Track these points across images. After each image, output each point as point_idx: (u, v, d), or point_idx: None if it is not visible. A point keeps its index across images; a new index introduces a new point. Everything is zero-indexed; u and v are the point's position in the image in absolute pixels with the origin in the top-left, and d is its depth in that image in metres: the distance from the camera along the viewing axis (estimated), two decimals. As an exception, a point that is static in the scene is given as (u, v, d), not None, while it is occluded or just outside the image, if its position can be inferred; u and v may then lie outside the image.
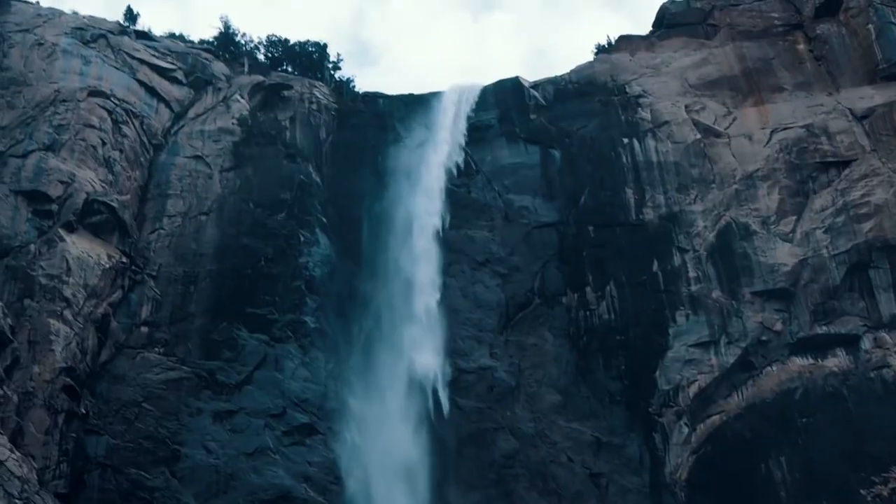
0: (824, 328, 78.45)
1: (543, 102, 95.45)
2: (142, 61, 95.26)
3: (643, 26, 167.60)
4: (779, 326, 79.56)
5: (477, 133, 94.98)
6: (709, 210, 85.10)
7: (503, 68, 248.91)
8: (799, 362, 78.11)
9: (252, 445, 76.68)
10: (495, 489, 79.58)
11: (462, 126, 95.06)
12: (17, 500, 67.30)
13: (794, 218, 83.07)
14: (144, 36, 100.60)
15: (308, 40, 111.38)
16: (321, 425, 78.68)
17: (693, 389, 79.15)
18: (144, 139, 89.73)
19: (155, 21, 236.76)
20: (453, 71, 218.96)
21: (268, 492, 75.44)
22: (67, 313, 76.75)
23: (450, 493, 79.11)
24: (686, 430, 78.49)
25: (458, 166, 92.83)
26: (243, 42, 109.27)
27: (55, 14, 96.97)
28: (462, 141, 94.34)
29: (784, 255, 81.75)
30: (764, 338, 79.53)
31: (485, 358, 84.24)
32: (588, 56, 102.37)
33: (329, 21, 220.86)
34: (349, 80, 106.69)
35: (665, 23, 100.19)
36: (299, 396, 79.05)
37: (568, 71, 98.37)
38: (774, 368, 78.59)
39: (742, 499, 75.42)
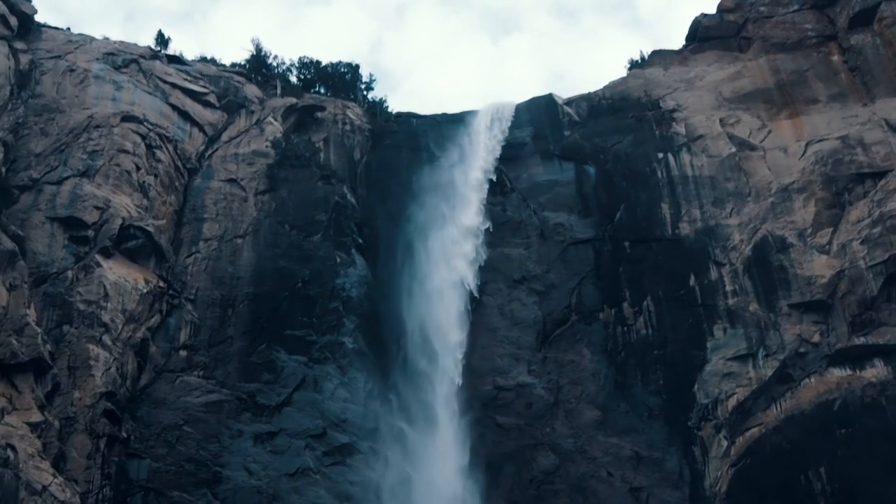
0: (862, 339, 78.63)
1: (577, 119, 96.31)
2: (174, 85, 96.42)
3: (662, 44, 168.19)
4: (816, 338, 79.83)
5: (511, 151, 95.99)
6: (745, 223, 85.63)
7: (524, 90, 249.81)
8: (837, 373, 78.30)
9: (293, 466, 77.36)
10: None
11: (496, 144, 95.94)
12: (62, 531, 68.52)
13: (831, 230, 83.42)
14: (176, 60, 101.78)
15: (340, 61, 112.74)
16: (362, 445, 79.37)
17: (732, 403, 79.48)
18: (178, 163, 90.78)
19: (186, 45, 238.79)
20: (475, 94, 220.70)
21: (309, 512, 76.26)
22: (106, 338, 77.69)
23: (491, 511, 79.97)
24: (725, 443, 78.81)
25: (492, 184, 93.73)
26: (275, 64, 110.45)
27: (86, 40, 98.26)
28: (496, 159, 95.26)
29: (821, 267, 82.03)
30: (802, 350, 79.77)
31: (523, 375, 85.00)
32: (607, 76, 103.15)
33: (348, 49, 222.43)
34: (382, 101, 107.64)
35: (698, 36, 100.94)
36: (339, 417, 79.81)
37: (601, 87, 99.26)
38: (813, 380, 78.78)
39: None
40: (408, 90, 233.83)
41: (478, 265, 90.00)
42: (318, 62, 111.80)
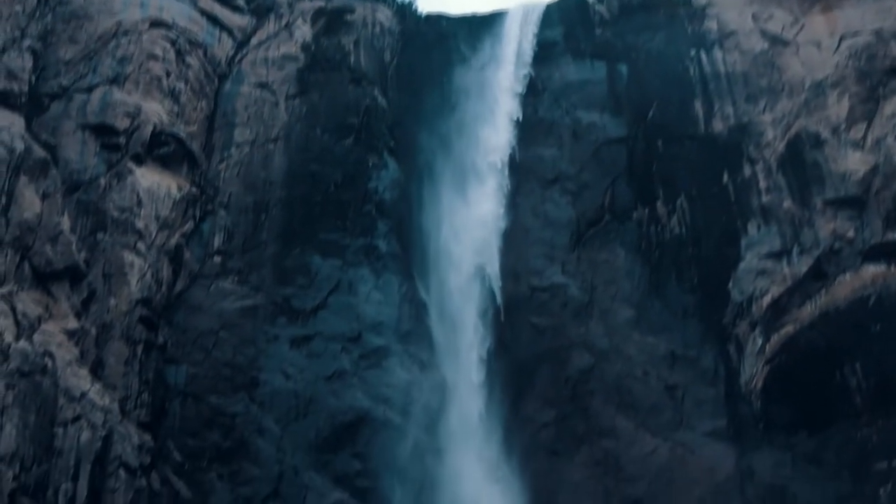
0: (897, 234, 77.67)
1: (608, 17, 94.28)
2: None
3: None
4: (851, 234, 78.64)
5: (542, 51, 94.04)
6: (778, 120, 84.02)
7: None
8: (872, 269, 77.00)
9: (329, 369, 77.09)
10: (571, 405, 79.89)
11: (527, 44, 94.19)
12: (100, 430, 68.51)
13: (865, 125, 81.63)
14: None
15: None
16: (397, 348, 78.97)
17: (766, 300, 78.71)
18: (208, 69, 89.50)
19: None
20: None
21: (347, 414, 75.92)
22: (140, 245, 77.22)
23: (526, 410, 79.58)
24: (760, 340, 78.20)
25: (524, 85, 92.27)
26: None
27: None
28: (528, 59, 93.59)
29: (855, 163, 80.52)
30: (836, 246, 78.64)
31: (557, 276, 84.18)
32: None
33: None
34: (411, 2, 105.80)
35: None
36: (374, 320, 79.34)
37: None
38: (847, 276, 77.64)
39: (817, 407, 75.50)
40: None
41: (510, 165, 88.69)
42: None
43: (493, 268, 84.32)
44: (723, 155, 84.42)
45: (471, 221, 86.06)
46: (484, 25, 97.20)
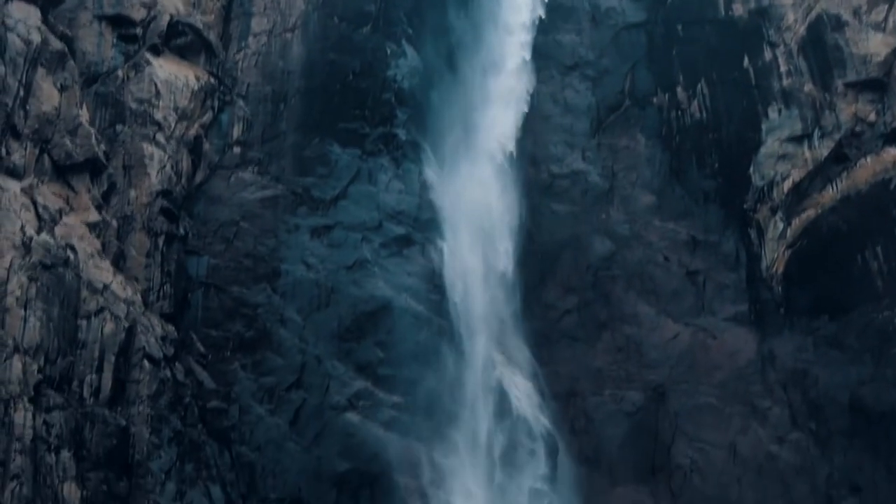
0: (919, 116, 75.94)
1: None
2: None
3: None
4: (872, 117, 77.40)
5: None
6: (799, 3, 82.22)
7: None
8: (893, 152, 76.03)
9: (350, 259, 75.98)
10: (593, 291, 79.21)
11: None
12: (123, 322, 67.82)
13: (886, 7, 79.86)
14: None
15: None
16: (418, 236, 77.66)
17: (787, 184, 77.94)
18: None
19: None
20: None
21: (368, 303, 74.94)
22: (160, 136, 75.89)
23: (548, 297, 78.72)
24: (781, 224, 77.58)
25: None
26: None
27: None
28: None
29: (876, 45, 78.99)
30: (857, 129, 77.46)
31: (577, 162, 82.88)
32: None
33: None
34: None
35: None
36: (394, 208, 78.04)
37: None
38: (868, 160, 76.64)
39: (839, 290, 75.10)
40: None
41: (530, 51, 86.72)
42: None
43: (513, 155, 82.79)
44: (743, 39, 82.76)
45: (491, 108, 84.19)
46: None
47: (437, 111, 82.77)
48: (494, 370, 75.26)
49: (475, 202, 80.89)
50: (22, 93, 72.22)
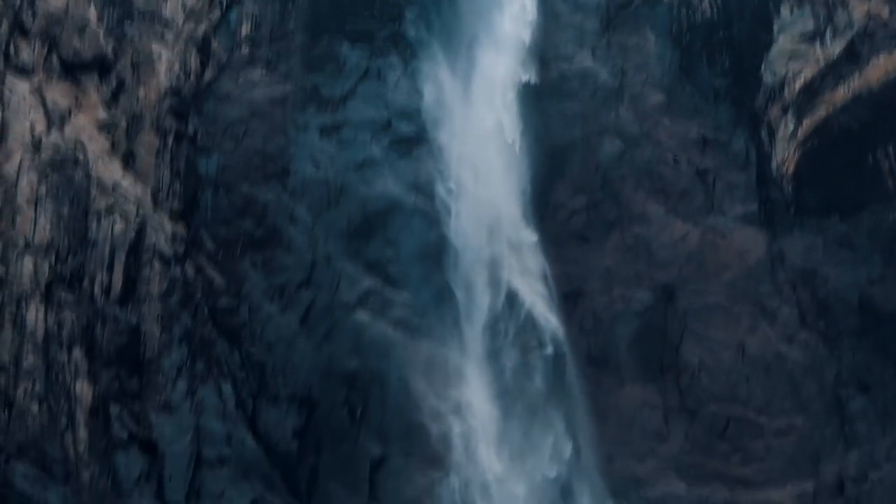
0: (934, 14, 74.52)
1: None
2: None
3: None
4: (886, 15, 75.48)
5: None
6: None
7: None
8: (906, 51, 74.55)
9: (359, 157, 75.48)
10: (602, 191, 78.37)
11: None
12: (134, 221, 67.37)
13: None
14: None
15: None
16: (426, 135, 77.04)
17: (799, 83, 76.53)
18: None
19: None
20: None
21: (378, 202, 74.57)
22: (168, 35, 74.82)
23: (557, 194, 78.04)
24: (792, 124, 76.34)
25: None
26: None
27: None
28: None
29: (890, -61, 76.95)
30: (870, 28, 75.52)
31: (587, 61, 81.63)
32: None
33: None
34: None
35: None
36: (403, 107, 77.31)
37: None
38: (881, 59, 74.80)
39: (849, 190, 74.50)
40: None
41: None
42: None
43: (522, 52, 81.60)
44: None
45: (500, 9, 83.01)
46: None
47: (446, 10, 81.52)
48: (503, 270, 74.80)
49: (484, 99, 79.90)
50: (29, -9, 71.31)
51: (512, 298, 74.12)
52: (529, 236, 76.61)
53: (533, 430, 71.09)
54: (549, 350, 72.86)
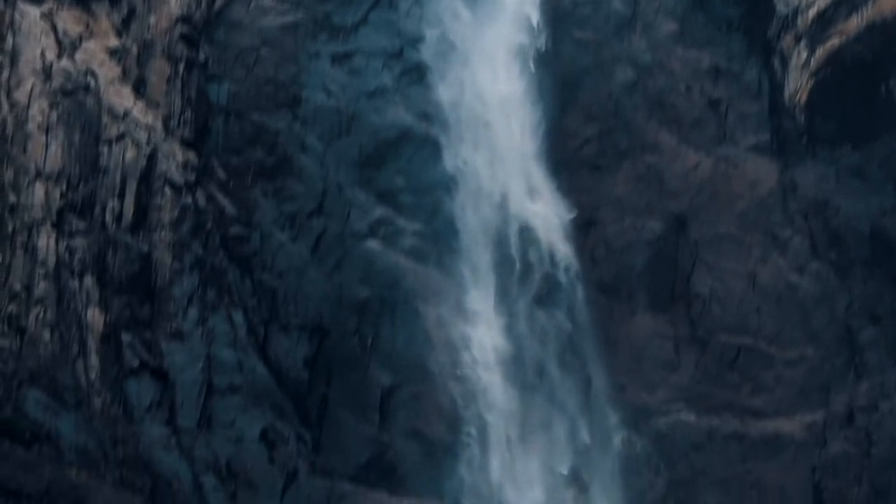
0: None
1: None
2: None
3: None
4: (900, -57, 74.20)
5: None
6: None
7: None
8: (922, -24, 73.18)
9: (371, 86, 74.15)
10: (614, 120, 77.31)
11: None
12: (145, 148, 66.52)
13: None
14: None
15: None
16: (439, 63, 75.70)
17: (812, 12, 75.19)
18: None
19: None
20: None
21: (389, 131, 73.42)
22: (179, -39, 73.60)
23: (570, 122, 76.99)
24: (805, 53, 75.24)
25: None
26: None
27: None
28: None
29: None
30: (885, -45, 74.30)
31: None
32: None
33: None
34: None
35: None
36: (415, 36, 75.77)
37: None
38: (896, -11, 73.68)
39: (862, 120, 74.04)
40: None
41: None
42: None
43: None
44: None
45: None
46: None
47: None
48: (515, 199, 74.05)
49: (497, 25, 78.72)
50: (39, -86, 70.07)
51: (523, 228, 73.44)
52: (541, 165, 75.81)
53: (545, 359, 70.74)
54: (561, 278, 72.36)
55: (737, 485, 68.65)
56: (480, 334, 70.19)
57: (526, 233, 73.46)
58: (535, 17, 78.91)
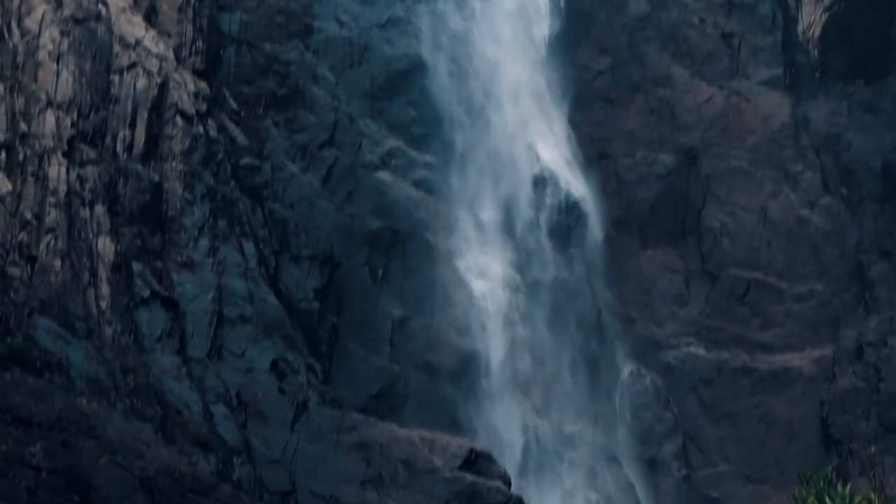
0: None
1: None
2: None
3: None
4: None
5: None
6: None
7: None
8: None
9: (384, 16, 72.44)
10: (627, 52, 75.74)
11: None
12: (156, 78, 64.97)
13: None
14: None
15: None
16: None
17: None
18: None
19: None
20: None
21: (402, 62, 71.84)
22: None
23: (581, 58, 75.50)
24: (819, -14, 73.55)
25: None
26: None
27: None
28: None
29: None
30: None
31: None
32: None
33: None
34: None
35: None
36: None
37: None
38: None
39: (875, 55, 73.30)
40: None
41: None
42: None
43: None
44: None
45: None
46: None
47: None
48: (528, 130, 72.78)
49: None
50: None
51: (535, 161, 72.30)
52: (553, 98, 74.41)
53: (555, 292, 69.88)
54: (572, 213, 71.30)
55: (745, 418, 67.96)
56: (491, 267, 69.23)
57: (538, 166, 72.34)
58: None
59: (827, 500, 15.56)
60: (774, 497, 64.44)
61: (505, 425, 66.38)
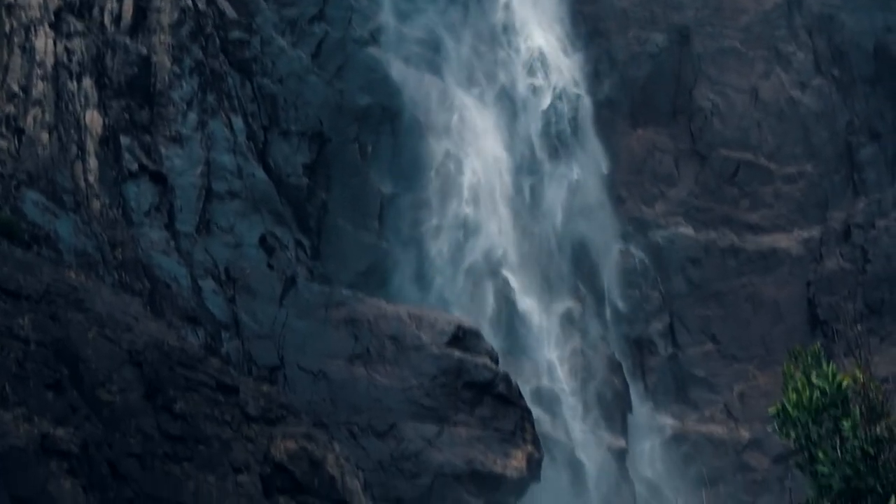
0: None
1: None
2: None
3: None
4: None
5: None
6: None
7: None
8: None
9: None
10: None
11: None
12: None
13: None
14: None
15: None
16: None
17: None
18: None
19: None
20: None
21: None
22: None
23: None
24: None
25: None
26: None
27: None
28: None
29: None
30: None
31: None
32: None
33: None
34: None
35: None
36: None
37: None
38: None
39: None
40: None
41: None
42: None
43: None
44: None
45: None
46: None
47: None
48: (519, 10, 70.86)
49: None
50: None
51: (527, 37, 70.50)
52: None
53: (546, 168, 68.83)
54: (564, 92, 69.89)
55: (732, 298, 67.17)
56: (483, 144, 67.97)
57: (530, 42, 70.56)
58: None
59: (814, 375, 15.06)
60: (759, 376, 63.94)
61: (495, 292, 65.22)
